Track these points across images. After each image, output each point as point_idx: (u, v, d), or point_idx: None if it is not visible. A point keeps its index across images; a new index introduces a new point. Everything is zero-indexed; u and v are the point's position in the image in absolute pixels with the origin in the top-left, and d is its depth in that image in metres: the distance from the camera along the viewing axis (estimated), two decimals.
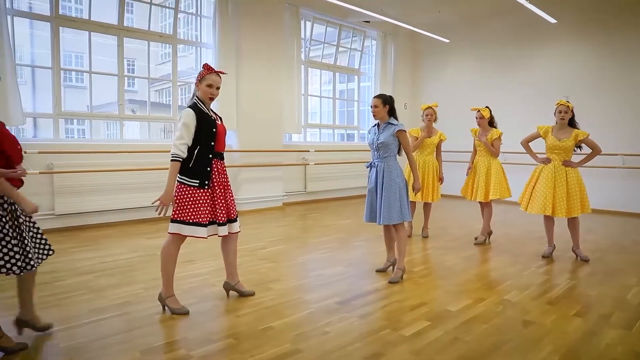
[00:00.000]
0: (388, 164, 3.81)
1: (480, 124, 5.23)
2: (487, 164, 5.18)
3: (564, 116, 4.36)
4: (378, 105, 3.78)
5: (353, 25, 9.17)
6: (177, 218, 2.98)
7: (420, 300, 3.36)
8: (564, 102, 4.38)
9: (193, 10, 7.27)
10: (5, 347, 2.47)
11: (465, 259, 4.61)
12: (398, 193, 3.75)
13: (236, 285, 3.40)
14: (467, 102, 8.90)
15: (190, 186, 2.98)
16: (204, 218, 3.00)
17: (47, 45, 5.71)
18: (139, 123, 7.40)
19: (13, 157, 2.41)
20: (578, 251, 4.55)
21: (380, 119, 3.85)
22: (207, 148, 3.00)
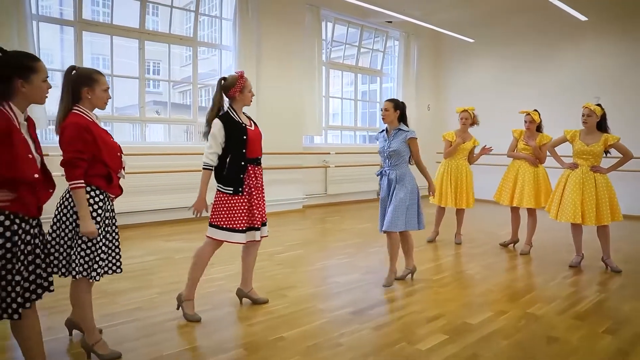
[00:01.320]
0: (401, 171, 3.72)
1: (530, 128, 4.91)
2: (534, 170, 4.88)
3: (587, 119, 4.18)
4: (389, 109, 3.71)
5: (375, 26, 9.05)
6: (213, 222, 3.03)
7: (438, 311, 3.24)
8: (587, 105, 4.19)
9: (215, 12, 7.29)
10: (101, 354, 2.45)
11: (487, 267, 4.44)
12: (408, 201, 3.67)
13: (249, 293, 3.35)
14: (492, 103, 8.69)
15: (226, 193, 3.01)
16: (240, 224, 3.01)
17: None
18: (163, 125, 7.45)
19: (111, 165, 2.43)
20: (609, 261, 4.33)
21: (389, 124, 3.76)
22: (239, 155, 2.99)
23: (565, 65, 8.16)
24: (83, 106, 2.40)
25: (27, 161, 1.90)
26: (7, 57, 1.93)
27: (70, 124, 2.31)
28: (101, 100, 2.45)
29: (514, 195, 4.93)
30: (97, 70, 2.48)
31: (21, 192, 1.89)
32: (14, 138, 1.85)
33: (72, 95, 2.37)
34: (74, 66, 2.42)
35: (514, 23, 8.66)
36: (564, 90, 8.08)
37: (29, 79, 1.94)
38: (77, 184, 2.27)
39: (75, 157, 2.27)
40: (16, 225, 1.91)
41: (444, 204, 5.31)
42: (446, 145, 5.33)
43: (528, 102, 8.34)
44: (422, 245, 5.34)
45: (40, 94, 2.01)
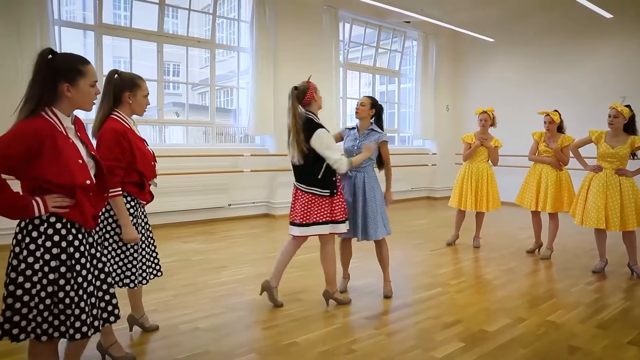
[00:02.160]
0: (369, 174, 3.47)
1: (550, 129, 4.74)
2: (557, 173, 4.72)
3: (613, 121, 4.03)
4: (365, 104, 3.49)
5: (393, 26, 8.96)
6: (317, 220, 3.17)
7: (455, 317, 3.17)
8: (615, 106, 4.04)
9: (233, 15, 7.32)
10: (115, 355, 2.47)
11: (506, 272, 4.34)
12: (381, 206, 3.49)
13: (335, 295, 3.41)
14: (513, 104, 8.51)
15: (323, 196, 3.16)
16: (343, 215, 3.24)
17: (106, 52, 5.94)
18: (182, 127, 7.52)
19: (145, 173, 2.48)
20: (635, 267, 4.17)
21: (362, 120, 3.53)
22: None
23: (589, 64, 7.93)
24: (122, 111, 2.42)
25: (78, 167, 1.77)
26: (56, 59, 1.77)
27: (109, 129, 2.32)
28: (141, 106, 2.49)
29: (538, 200, 4.76)
30: (139, 76, 2.50)
31: (78, 197, 1.76)
32: (59, 144, 1.72)
33: (113, 99, 2.39)
34: (116, 70, 2.43)
35: (535, 22, 8.46)
36: (588, 90, 7.86)
37: (76, 82, 1.77)
38: (116, 192, 2.30)
39: (115, 166, 2.29)
40: (72, 235, 1.78)
41: (464, 207, 5.20)
42: (465, 147, 5.24)
43: (551, 103, 8.15)
44: (440, 249, 5.27)
45: (88, 99, 1.83)
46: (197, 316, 3.15)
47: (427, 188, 9.89)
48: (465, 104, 9.82)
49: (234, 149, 7.05)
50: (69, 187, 1.74)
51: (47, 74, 1.74)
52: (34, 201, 1.70)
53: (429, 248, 5.31)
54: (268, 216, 7.32)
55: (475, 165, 5.18)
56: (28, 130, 1.67)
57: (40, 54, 1.76)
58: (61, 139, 1.74)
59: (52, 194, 1.73)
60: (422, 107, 9.37)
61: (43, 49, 1.78)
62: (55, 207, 1.72)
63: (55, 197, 1.73)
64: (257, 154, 7.15)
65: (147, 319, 2.90)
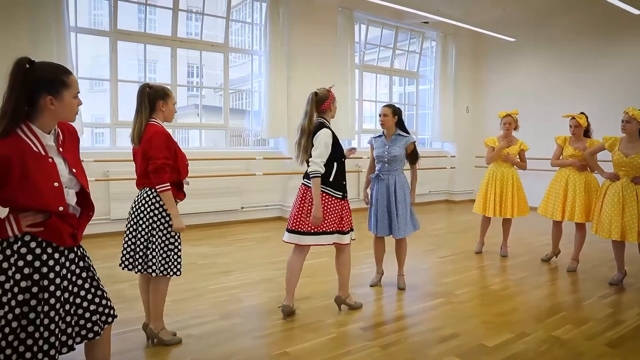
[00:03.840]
0: (399, 177, 3.81)
1: (575, 133, 4.49)
2: (585, 179, 4.43)
3: (625, 126, 3.81)
4: (387, 114, 3.76)
5: (410, 27, 8.81)
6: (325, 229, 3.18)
7: (454, 330, 3.06)
8: (627, 110, 3.82)
9: (248, 19, 7.34)
10: (165, 339, 2.76)
11: (517, 282, 4.18)
12: (409, 205, 3.83)
13: (347, 300, 3.44)
14: (536, 106, 8.23)
15: (335, 197, 3.21)
16: (349, 225, 3.28)
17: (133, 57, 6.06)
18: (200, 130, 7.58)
19: (183, 173, 2.75)
20: None
21: (388, 129, 3.81)
22: (342, 164, 3.26)
23: (617, 63, 7.58)
24: (157, 118, 2.68)
25: (52, 191, 1.67)
26: (35, 69, 1.65)
27: (157, 133, 2.59)
28: (171, 113, 2.76)
29: (565, 208, 4.46)
30: (168, 87, 2.82)
31: (51, 219, 1.70)
32: (30, 168, 1.62)
33: (150, 108, 2.65)
34: (147, 83, 2.70)
35: (558, 21, 8.15)
36: (615, 91, 7.51)
37: (60, 95, 1.68)
38: (166, 187, 2.57)
39: (164, 164, 2.56)
40: (47, 255, 1.70)
41: (487, 213, 5.02)
42: (488, 151, 5.02)
43: (577, 104, 7.84)
44: (450, 256, 5.12)
45: (71, 111, 1.75)
46: (191, 323, 3.15)
47: (446, 191, 9.69)
48: (485, 106, 9.58)
49: (246, 152, 7.07)
50: (42, 212, 1.69)
51: (26, 86, 1.62)
52: (7, 221, 1.65)
53: (438, 255, 5.18)
54: (281, 219, 7.30)
55: (499, 169, 4.97)
56: None
57: (17, 63, 1.62)
58: (33, 162, 1.64)
59: (26, 212, 1.67)
60: (441, 109, 9.19)
61: (20, 58, 1.64)
62: (29, 227, 1.67)
63: (28, 215, 1.66)
64: (270, 157, 7.15)
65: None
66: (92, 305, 1.87)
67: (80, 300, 1.84)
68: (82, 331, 1.85)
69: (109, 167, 5.78)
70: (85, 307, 1.84)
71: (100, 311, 1.90)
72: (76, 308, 1.83)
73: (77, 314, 1.83)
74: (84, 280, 1.86)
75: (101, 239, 5.63)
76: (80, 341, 1.85)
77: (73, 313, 1.81)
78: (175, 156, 2.66)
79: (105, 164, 5.75)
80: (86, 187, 1.84)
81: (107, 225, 5.83)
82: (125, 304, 3.52)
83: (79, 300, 1.83)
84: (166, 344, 2.79)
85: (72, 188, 1.79)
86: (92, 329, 1.86)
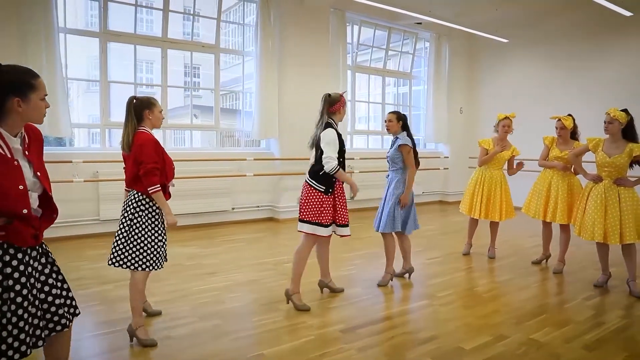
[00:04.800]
0: (397, 176, 4.06)
1: (561, 135, 4.51)
2: (569, 181, 4.47)
3: (608, 127, 3.80)
4: (392, 120, 4.02)
5: (404, 28, 8.81)
6: (304, 218, 3.41)
7: (433, 333, 3.06)
8: (609, 111, 3.81)
9: (240, 20, 7.34)
10: (141, 338, 2.82)
11: (501, 284, 4.18)
12: (396, 204, 3.99)
13: (329, 283, 3.85)
14: (528, 107, 8.23)
15: (317, 190, 3.39)
16: (326, 219, 3.40)
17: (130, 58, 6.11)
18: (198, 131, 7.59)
19: (169, 177, 2.94)
20: (632, 284, 3.89)
21: (394, 133, 4.07)
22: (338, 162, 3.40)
23: (608, 64, 7.57)
24: (145, 126, 2.90)
25: (16, 194, 1.69)
26: (2, 71, 1.68)
27: (147, 140, 2.80)
28: (158, 120, 2.97)
29: (547, 209, 4.50)
30: (153, 97, 3.01)
31: (15, 222, 1.71)
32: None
33: (137, 118, 2.88)
34: (134, 96, 2.92)
35: (551, 22, 8.16)
36: (607, 92, 7.50)
37: (27, 97, 1.72)
38: (156, 189, 2.77)
39: (154, 167, 2.76)
40: (9, 255, 1.72)
41: (474, 214, 5.01)
42: (481, 152, 4.98)
43: (568, 105, 7.83)
44: (437, 257, 5.13)
45: (39, 114, 1.79)
46: (171, 324, 3.15)
47: (440, 192, 9.69)
48: (479, 107, 9.58)
49: (237, 153, 7.07)
50: (5, 215, 1.69)
51: None
52: None
53: (427, 256, 5.18)
54: (272, 220, 7.31)
55: (488, 172, 4.96)
56: None
57: None
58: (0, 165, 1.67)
59: None
60: (435, 110, 9.18)
61: None
62: None
63: None
64: (261, 157, 7.15)
65: (150, 305, 3.35)
66: (57, 299, 1.90)
67: (45, 295, 1.87)
68: (50, 324, 1.88)
69: (98, 168, 5.78)
70: (50, 301, 1.88)
71: (68, 304, 1.95)
72: (43, 302, 1.86)
73: (44, 308, 1.86)
74: (48, 275, 1.89)
75: (90, 239, 5.63)
76: (48, 334, 1.87)
77: (41, 308, 1.83)
78: (163, 161, 2.86)
79: (95, 164, 5.75)
80: (49, 190, 1.85)
81: (97, 226, 5.83)
82: (107, 305, 3.52)
83: (44, 296, 1.87)
84: (142, 344, 2.80)
85: (36, 191, 1.81)
86: (59, 321, 1.90)
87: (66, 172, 5.47)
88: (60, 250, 4.93)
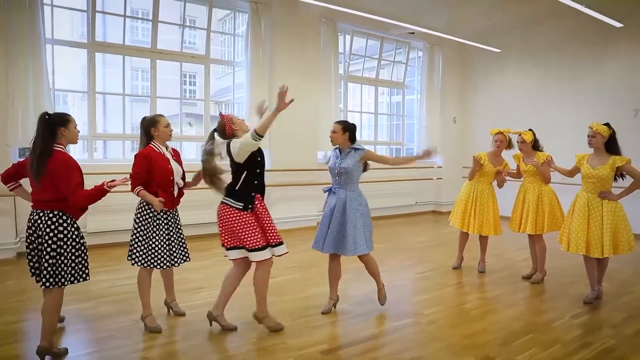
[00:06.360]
0: (350, 191, 3.61)
1: (522, 149, 4.64)
2: (538, 191, 4.57)
3: (591, 140, 3.89)
4: (337, 131, 3.61)
5: (396, 37, 8.78)
6: (234, 245, 3.24)
7: (416, 354, 2.99)
8: (591, 125, 3.91)
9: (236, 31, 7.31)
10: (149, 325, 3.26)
11: (490, 300, 4.11)
12: (362, 222, 3.57)
13: (265, 321, 3.38)
14: (522, 116, 8.17)
15: (235, 208, 3.17)
16: (259, 242, 3.17)
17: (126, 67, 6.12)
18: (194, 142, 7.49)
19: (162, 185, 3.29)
20: (591, 293, 4.02)
21: (340, 145, 3.66)
22: (256, 174, 3.25)
23: (600, 74, 7.54)
24: (156, 141, 3.30)
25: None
26: (52, 116, 2.84)
27: (137, 154, 3.24)
28: (165, 134, 3.33)
29: (521, 221, 4.62)
30: (159, 114, 3.39)
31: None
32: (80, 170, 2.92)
33: (147, 136, 3.29)
34: (144, 117, 3.34)
35: (544, 32, 8.14)
36: (599, 101, 7.47)
37: (68, 127, 2.87)
38: (138, 190, 3.18)
39: (132, 176, 3.17)
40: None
41: (465, 228, 4.97)
42: (473, 165, 4.95)
43: (560, 114, 7.84)
44: (427, 272, 5.05)
45: (75, 136, 2.95)
46: (150, 344, 3.09)
47: (433, 202, 9.62)
48: (472, 116, 9.55)
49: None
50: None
51: (51, 125, 2.81)
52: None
53: (416, 270, 5.11)
54: None
55: (478, 186, 4.93)
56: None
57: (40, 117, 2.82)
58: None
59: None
60: (428, 119, 9.14)
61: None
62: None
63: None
64: None
65: (177, 304, 3.68)
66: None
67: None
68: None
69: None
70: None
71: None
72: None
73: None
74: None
75: None
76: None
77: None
78: (150, 173, 3.24)
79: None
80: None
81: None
82: (86, 324, 3.45)
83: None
84: (148, 330, 3.24)
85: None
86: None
87: None
88: None
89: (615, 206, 3.83)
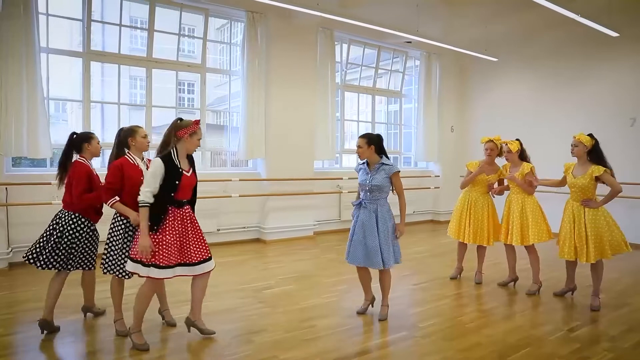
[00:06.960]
0: (381, 206, 3.66)
1: (509, 159, 4.66)
2: (522, 202, 4.56)
3: (573, 150, 4.08)
4: (362, 146, 3.64)
5: (393, 46, 8.79)
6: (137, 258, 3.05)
7: None
8: (574, 135, 4.08)
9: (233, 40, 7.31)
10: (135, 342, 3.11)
11: (486, 312, 4.05)
12: (391, 236, 3.67)
13: (196, 322, 3.36)
14: (519, 125, 8.16)
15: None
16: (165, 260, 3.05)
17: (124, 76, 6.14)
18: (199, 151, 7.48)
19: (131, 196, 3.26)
20: (592, 299, 4.13)
21: (368, 159, 3.70)
22: (166, 196, 3.06)
23: (597, 84, 7.54)
24: (132, 152, 3.32)
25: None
26: (77, 135, 3.45)
27: (110, 165, 3.29)
28: (143, 144, 3.36)
29: (508, 231, 4.64)
30: (137, 125, 3.43)
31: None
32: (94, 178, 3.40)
33: (122, 146, 3.32)
34: (121, 128, 3.39)
35: (540, 41, 8.16)
36: (596, 110, 7.47)
37: (91, 142, 3.44)
38: (113, 202, 3.22)
39: (105, 187, 3.23)
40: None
41: (462, 239, 4.93)
42: (466, 174, 4.94)
43: (558, 124, 7.81)
44: (423, 283, 4.99)
45: (98, 150, 3.51)
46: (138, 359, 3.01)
47: (431, 211, 9.58)
48: (470, 125, 9.54)
49: (223, 174, 6.96)
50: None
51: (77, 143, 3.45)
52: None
53: (413, 281, 5.05)
54: (259, 241, 7.19)
55: (473, 195, 4.89)
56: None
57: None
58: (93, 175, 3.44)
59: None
60: (426, 128, 9.13)
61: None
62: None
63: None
64: (246, 178, 7.04)
65: (169, 313, 3.66)
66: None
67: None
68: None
69: None
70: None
71: None
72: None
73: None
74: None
75: None
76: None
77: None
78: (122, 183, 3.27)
79: None
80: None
81: None
82: (75, 337, 3.38)
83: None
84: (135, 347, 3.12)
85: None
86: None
87: (46, 193, 5.35)
88: (35, 275, 4.79)
89: (596, 213, 3.98)
